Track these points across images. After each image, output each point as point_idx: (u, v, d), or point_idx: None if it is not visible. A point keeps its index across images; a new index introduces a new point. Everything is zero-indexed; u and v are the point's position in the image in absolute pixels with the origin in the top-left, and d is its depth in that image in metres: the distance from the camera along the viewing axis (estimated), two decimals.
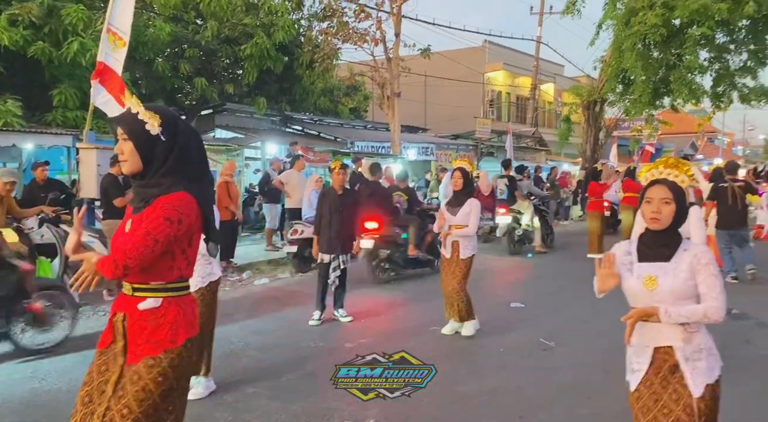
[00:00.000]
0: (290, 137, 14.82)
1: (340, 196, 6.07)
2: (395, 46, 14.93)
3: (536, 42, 24.58)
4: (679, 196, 2.30)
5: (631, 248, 2.40)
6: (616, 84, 18.39)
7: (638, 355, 2.34)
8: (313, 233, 6.36)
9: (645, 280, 2.29)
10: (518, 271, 9.55)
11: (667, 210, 2.28)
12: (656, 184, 2.32)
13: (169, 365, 2.09)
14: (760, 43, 17.08)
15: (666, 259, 2.30)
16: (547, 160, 23.32)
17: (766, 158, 59.47)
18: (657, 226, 2.30)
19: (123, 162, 2.16)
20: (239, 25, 13.95)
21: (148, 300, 2.12)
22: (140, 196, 2.16)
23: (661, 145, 32.68)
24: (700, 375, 2.23)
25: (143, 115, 2.11)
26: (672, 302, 2.25)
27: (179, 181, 2.13)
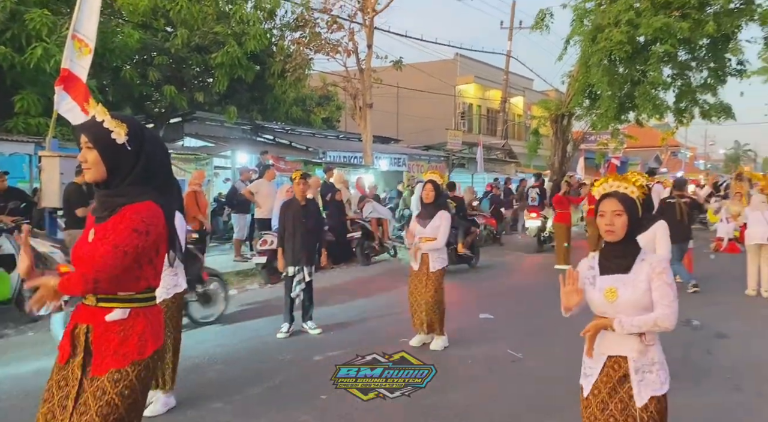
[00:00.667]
0: (261, 146, 14.71)
1: (303, 206, 5.99)
2: (367, 58, 15.01)
3: (506, 56, 25.01)
4: (630, 207, 2.36)
5: (594, 262, 2.47)
6: (583, 98, 18.81)
7: (593, 361, 2.42)
8: (276, 245, 6.28)
9: (606, 292, 2.35)
10: (486, 282, 9.60)
11: (619, 221, 2.34)
12: (607, 197, 2.39)
13: (136, 377, 2.05)
14: (720, 61, 17.69)
15: (625, 271, 2.35)
16: (517, 171, 23.66)
17: (726, 172, 61.48)
18: (612, 238, 2.37)
19: (87, 170, 2.12)
20: (210, 33, 13.84)
21: (115, 311, 2.07)
22: (104, 205, 2.12)
23: (626, 158, 33.52)
24: (646, 387, 2.29)
25: (109, 123, 2.08)
26: (632, 313, 2.31)
27: (145, 191, 2.11)
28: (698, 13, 15.74)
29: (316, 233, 6.12)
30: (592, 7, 18.32)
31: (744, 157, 69.12)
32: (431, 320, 5.43)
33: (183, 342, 4.22)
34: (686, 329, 6.07)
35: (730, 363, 5.02)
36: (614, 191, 2.40)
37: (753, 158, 71.59)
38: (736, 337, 5.91)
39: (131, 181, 2.11)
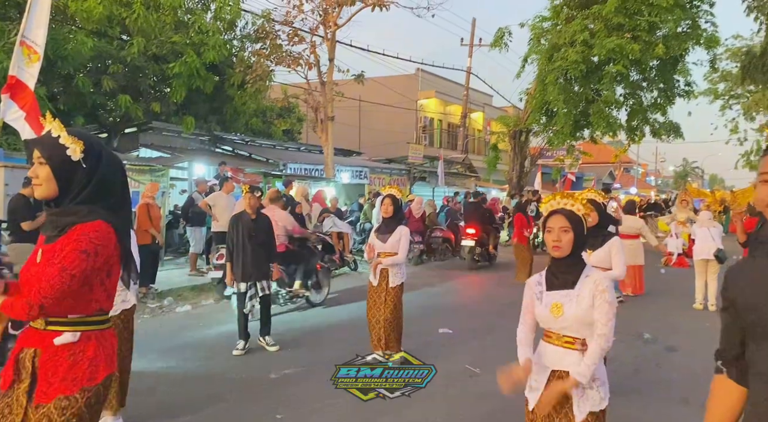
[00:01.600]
0: (220, 158, 14.47)
1: (254, 220, 5.87)
2: (329, 71, 15.01)
3: (466, 72, 25.45)
4: (576, 224, 2.44)
5: (541, 278, 2.54)
6: (540, 115, 19.30)
7: (538, 374, 2.49)
8: (225, 260, 6.12)
9: (552, 308, 2.43)
10: (446, 296, 9.65)
11: (566, 238, 2.41)
12: (555, 214, 2.46)
13: (85, 405, 1.96)
14: (669, 82, 18.48)
15: (571, 286, 2.43)
16: (477, 185, 23.98)
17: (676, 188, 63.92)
18: (559, 254, 2.44)
19: (37, 186, 2.03)
20: (168, 42, 13.58)
21: (65, 335, 1.98)
22: (54, 224, 2.03)
23: (581, 173, 34.44)
24: (586, 403, 2.38)
25: (65, 139, 2.01)
26: (576, 328, 2.40)
27: (96, 210, 2.03)
28: (648, 35, 16.42)
29: (268, 247, 5.98)
30: (549, 27, 18.91)
31: (692, 174, 72.16)
32: (388, 337, 5.33)
33: (135, 363, 4.06)
34: (638, 343, 6.23)
35: (679, 377, 5.16)
36: (561, 208, 2.47)
37: (700, 175, 74.79)
38: (684, 351, 6.09)
39: (82, 200, 2.03)
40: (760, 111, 30.37)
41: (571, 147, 20.71)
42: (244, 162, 15.55)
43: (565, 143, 19.72)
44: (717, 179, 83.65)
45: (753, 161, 35.47)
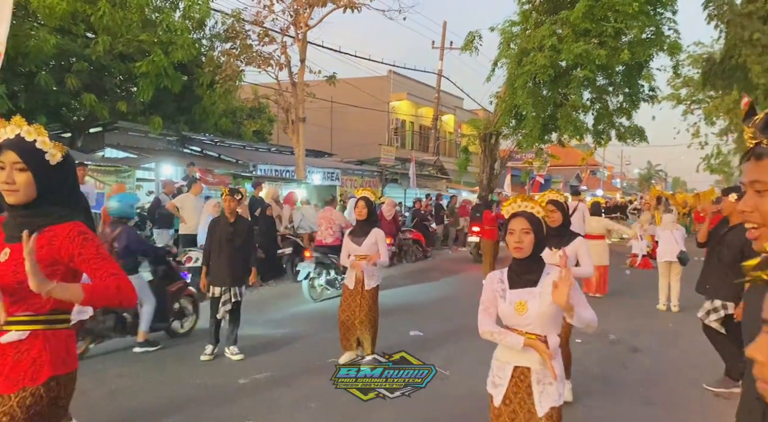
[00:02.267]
0: (188, 158, 14.23)
1: (232, 223, 5.78)
2: (300, 72, 14.91)
3: (438, 75, 25.61)
4: (536, 226, 2.53)
5: (503, 276, 2.62)
6: (510, 119, 19.52)
7: (500, 370, 2.58)
8: (201, 263, 6.04)
9: (516, 305, 2.51)
10: (418, 297, 9.68)
11: (527, 239, 2.51)
12: (516, 217, 2.56)
13: (18, 404, 1.89)
14: (634, 87, 18.92)
15: (533, 284, 2.53)
16: (448, 187, 24.15)
17: (641, 190, 65.50)
18: (520, 255, 2.54)
19: (12, 192, 1.99)
20: (134, 41, 13.28)
21: (10, 333, 1.94)
22: (23, 225, 1.97)
23: (549, 176, 35.01)
24: (547, 398, 2.47)
25: (44, 144, 2.01)
26: (541, 325, 2.49)
27: (69, 211, 2.07)
28: (614, 41, 16.78)
29: (245, 252, 5.89)
30: (518, 31, 19.16)
31: (656, 177, 74.07)
32: (364, 339, 5.35)
33: (98, 366, 3.96)
34: (603, 344, 6.35)
35: (643, 377, 5.28)
36: (522, 211, 2.56)
37: (663, 178, 76.84)
38: (647, 351, 6.23)
39: (56, 201, 2.05)
40: (719, 116, 31.37)
41: (539, 150, 21.03)
42: (213, 163, 15.33)
43: (534, 146, 20.01)
44: (679, 182, 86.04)
45: (713, 165, 36.58)
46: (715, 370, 4.99)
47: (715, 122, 32.45)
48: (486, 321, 2.59)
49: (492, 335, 2.56)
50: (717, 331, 4.73)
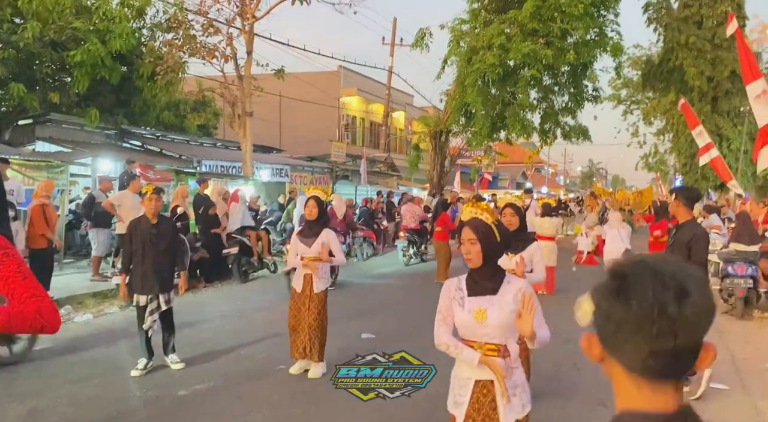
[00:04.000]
0: (127, 153, 13.56)
1: (155, 225, 5.29)
2: (247, 64, 14.44)
3: (388, 71, 25.51)
4: (484, 234, 2.42)
5: (461, 283, 2.50)
6: (460, 116, 19.66)
7: (461, 387, 2.46)
8: (120, 271, 5.56)
9: (475, 313, 2.42)
10: (369, 297, 9.51)
11: (474, 249, 2.42)
12: (464, 227, 2.47)
13: None
14: (579, 87, 19.41)
15: (493, 292, 2.44)
16: (399, 185, 24.12)
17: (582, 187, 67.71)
18: (472, 265, 2.46)
19: None
20: (68, 28, 12.51)
21: None
22: None
23: (497, 173, 35.64)
24: (511, 411, 2.39)
25: None
26: (500, 333, 2.41)
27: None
28: (561, 41, 17.13)
29: (172, 255, 5.48)
30: (468, 29, 19.28)
31: (597, 174, 76.82)
32: (312, 344, 5.15)
33: (23, 380, 3.58)
34: (556, 343, 6.36)
35: (596, 379, 5.29)
36: (470, 219, 2.48)
37: (604, 175, 79.81)
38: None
39: None
40: (657, 116, 32.70)
41: (488, 148, 21.28)
42: (154, 158, 14.65)
43: (483, 144, 20.23)
44: (619, 179, 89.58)
45: (651, 163, 38.14)
46: None
47: (653, 122, 33.80)
48: (442, 331, 2.49)
49: (448, 348, 2.45)
50: None
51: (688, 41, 21.20)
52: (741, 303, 7.38)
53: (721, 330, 6.70)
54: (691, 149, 23.91)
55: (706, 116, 20.87)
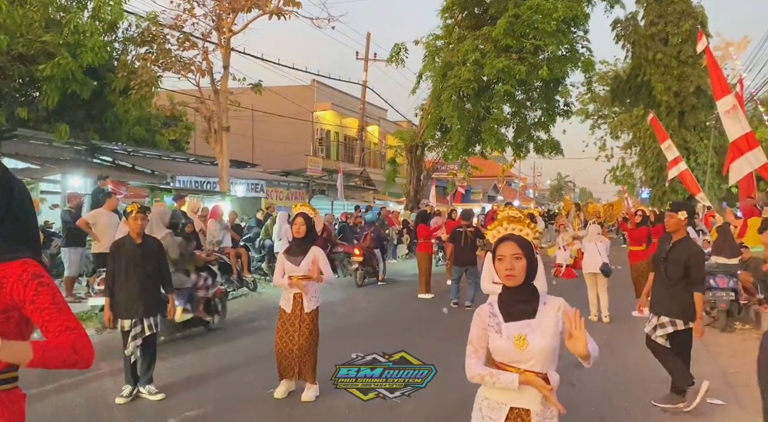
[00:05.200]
0: (98, 169, 13.18)
1: (140, 245, 5.06)
2: (223, 79, 14.25)
3: (362, 86, 25.57)
4: (527, 250, 2.31)
5: (494, 308, 2.35)
6: (435, 131, 19.81)
7: (493, 410, 2.31)
8: (103, 294, 5.25)
9: (515, 340, 2.26)
10: (358, 315, 9.37)
11: (519, 265, 2.27)
12: (505, 241, 2.32)
13: None
14: (551, 102, 19.78)
15: (531, 316, 2.29)
16: (375, 199, 24.06)
17: (551, 201, 68.83)
18: (513, 283, 2.29)
19: None
20: (37, 42, 12.15)
21: None
22: None
23: (470, 187, 35.90)
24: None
25: None
26: (542, 360, 2.25)
27: (17, 246, 1.76)
28: (533, 57, 17.44)
29: (159, 277, 5.22)
30: (442, 45, 19.50)
31: (565, 187, 78.26)
32: (303, 366, 5.00)
33: None
34: None
35: (593, 396, 5.28)
36: (511, 234, 2.35)
37: (572, 188, 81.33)
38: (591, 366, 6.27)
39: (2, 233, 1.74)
40: (624, 130, 33.55)
41: (464, 161, 21.45)
42: (126, 174, 14.29)
43: (459, 157, 20.38)
44: (586, 192, 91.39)
45: (618, 176, 38.99)
46: (663, 383, 5.07)
47: (620, 136, 34.64)
48: (474, 363, 2.31)
49: (483, 379, 2.28)
50: (662, 346, 4.80)
51: (655, 57, 21.87)
52: (723, 316, 7.52)
53: (706, 343, 6.79)
54: (658, 162, 24.58)
55: (673, 130, 21.48)
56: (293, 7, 13.42)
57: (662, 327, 4.73)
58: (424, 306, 10.04)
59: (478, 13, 19.23)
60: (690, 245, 4.78)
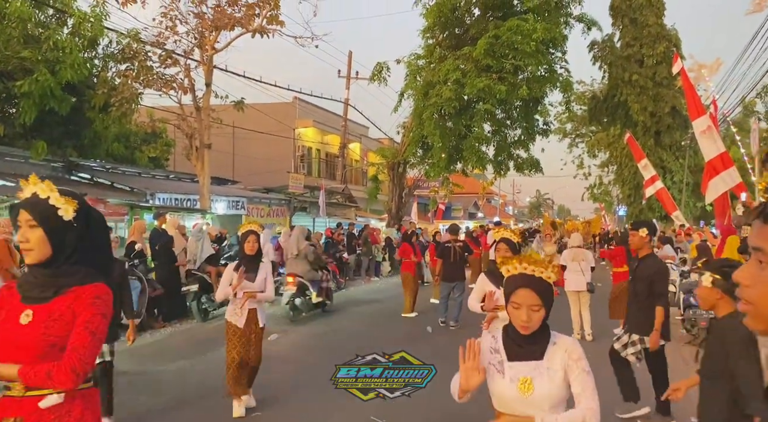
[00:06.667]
0: (76, 187, 12.93)
1: None
2: (205, 96, 14.20)
3: (344, 103, 25.68)
4: (547, 297, 2.08)
5: (497, 344, 2.14)
6: (417, 148, 19.93)
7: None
8: None
9: (519, 384, 2.05)
10: (340, 334, 9.27)
11: (536, 317, 2.05)
12: (523, 289, 2.05)
13: None
14: (530, 121, 20.08)
15: (539, 357, 2.08)
16: (357, 216, 24.04)
17: (531, 217, 69.54)
18: (527, 332, 2.08)
19: (28, 251, 1.97)
20: (15, 58, 11.99)
21: (50, 398, 1.92)
22: (45, 285, 1.97)
23: (450, 204, 36.14)
24: None
25: (56, 200, 1.97)
26: (548, 407, 2.05)
27: (92, 272, 2.02)
28: (513, 77, 17.72)
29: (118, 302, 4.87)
30: (423, 64, 19.72)
31: (544, 205, 79.24)
32: (252, 378, 5.26)
33: None
34: None
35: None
36: (530, 279, 2.06)
37: (551, 205, 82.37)
38: None
39: (77, 260, 2.00)
40: (601, 149, 34.18)
41: (445, 179, 21.59)
42: (105, 191, 14.06)
43: (441, 175, 20.52)
44: (564, 209, 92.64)
45: (596, 194, 39.53)
46: (646, 398, 5.10)
47: (597, 155, 35.28)
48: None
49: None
50: (624, 360, 4.87)
51: (632, 78, 22.40)
52: (704, 333, 7.61)
53: (686, 360, 6.85)
54: (635, 180, 25.06)
55: (650, 149, 21.96)
56: (277, 25, 13.47)
57: (633, 345, 4.82)
58: (407, 325, 10.00)
59: (458, 33, 19.52)
60: (655, 262, 4.89)
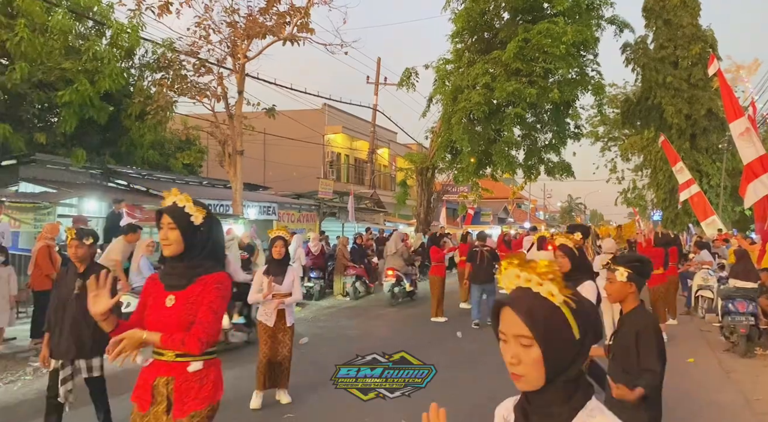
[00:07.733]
0: (113, 193, 13.34)
1: (81, 274, 4.12)
2: (238, 104, 14.45)
3: (373, 109, 25.82)
4: (547, 328, 1.23)
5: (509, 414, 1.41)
6: (446, 153, 19.89)
7: None
8: (44, 329, 4.34)
9: None
10: (364, 337, 9.30)
11: (528, 357, 1.24)
12: (506, 307, 1.28)
13: (207, 416, 2.54)
14: (561, 125, 19.83)
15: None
16: (385, 221, 24.10)
17: (562, 222, 68.53)
18: (523, 386, 1.28)
19: (167, 246, 2.56)
20: (57, 69, 12.43)
21: (194, 364, 2.53)
22: (182, 275, 2.57)
23: (479, 208, 35.90)
24: None
25: (190, 209, 2.59)
26: None
27: (215, 264, 2.62)
28: (543, 81, 17.56)
29: None
30: (452, 69, 19.69)
31: (576, 209, 77.93)
32: (285, 374, 5.59)
33: None
34: None
35: None
36: (513, 299, 1.27)
37: (583, 210, 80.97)
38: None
39: (205, 255, 2.59)
40: (635, 153, 33.50)
41: (474, 184, 21.48)
42: (140, 197, 14.43)
43: (470, 180, 20.42)
44: (597, 214, 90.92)
45: (630, 198, 38.80)
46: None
47: (630, 158, 34.59)
48: None
49: None
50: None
51: (666, 81, 21.94)
52: (743, 341, 7.39)
53: (727, 370, 6.68)
54: (670, 184, 24.49)
55: (685, 153, 21.44)
56: (307, 33, 13.65)
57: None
58: (437, 329, 9.97)
59: (487, 37, 19.44)
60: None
